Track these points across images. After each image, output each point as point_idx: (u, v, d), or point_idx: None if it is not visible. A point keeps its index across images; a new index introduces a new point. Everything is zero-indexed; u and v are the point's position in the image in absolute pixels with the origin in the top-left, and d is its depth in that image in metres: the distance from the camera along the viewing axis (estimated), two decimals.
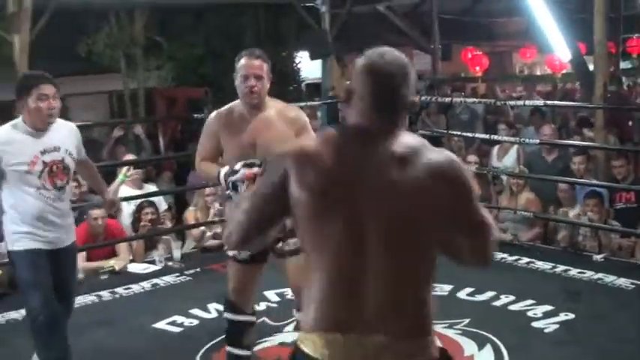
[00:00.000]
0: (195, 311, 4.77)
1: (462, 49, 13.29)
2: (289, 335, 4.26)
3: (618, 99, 8.08)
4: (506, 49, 15.82)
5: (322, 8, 9.39)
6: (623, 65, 13.02)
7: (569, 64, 9.74)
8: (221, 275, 4.72)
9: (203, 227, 6.29)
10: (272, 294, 4.84)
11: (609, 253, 5.74)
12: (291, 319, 4.28)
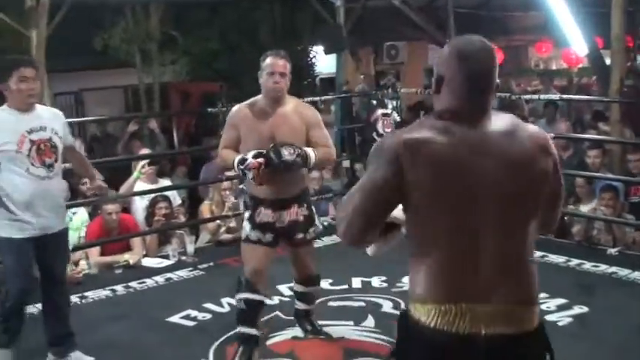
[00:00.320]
0: (208, 305, 4.79)
1: None
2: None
3: (635, 93, 8.00)
4: (522, 43, 15.67)
5: (337, 2, 9.33)
6: None
7: (586, 58, 9.67)
8: (234, 269, 4.75)
9: (218, 221, 6.32)
10: (285, 288, 4.85)
11: (624, 246, 5.72)
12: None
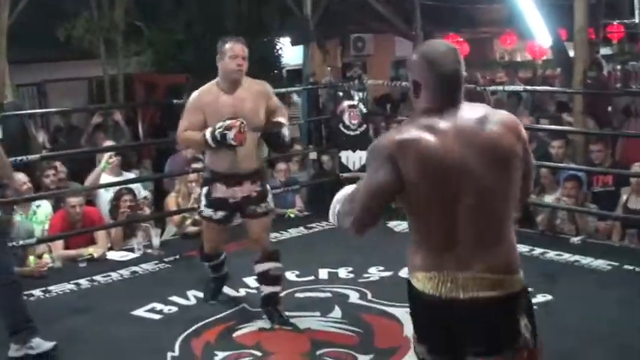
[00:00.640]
0: (174, 298, 4.75)
1: (443, 36, 13.30)
2: (268, 321, 4.26)
3: (598, 84, 8.12)
4: (487, 35, 15.84)
5: None
6: (604, 51, 13.07)
7: (550, 50, 9.78)
8: (200, 262, 4.72)
9: (184, 213, 6.28)
10: (251, 280, 4.83)
11: (586, 235, 5.79)
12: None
